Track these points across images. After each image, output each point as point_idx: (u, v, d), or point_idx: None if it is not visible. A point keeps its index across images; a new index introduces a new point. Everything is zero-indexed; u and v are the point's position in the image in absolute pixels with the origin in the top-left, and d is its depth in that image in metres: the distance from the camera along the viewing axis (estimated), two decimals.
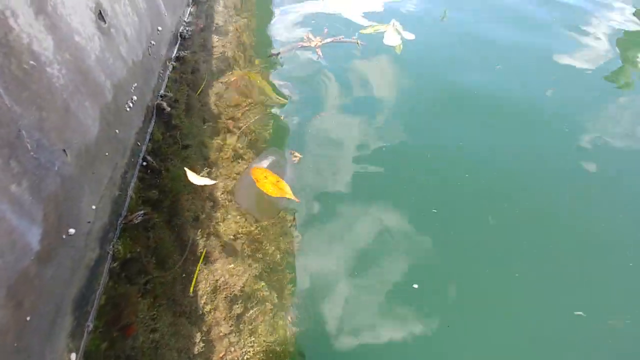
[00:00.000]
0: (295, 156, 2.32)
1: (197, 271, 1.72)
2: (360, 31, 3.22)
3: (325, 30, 3.31)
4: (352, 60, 3.00)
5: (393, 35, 3.08)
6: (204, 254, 1.79)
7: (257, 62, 3.07)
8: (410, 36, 3.12)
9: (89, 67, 1.53)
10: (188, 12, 3.22)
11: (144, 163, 1.90)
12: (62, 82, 1.34)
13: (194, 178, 1.87)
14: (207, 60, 2.90)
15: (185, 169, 1.90)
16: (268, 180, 1.99)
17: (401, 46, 3.05)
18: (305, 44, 3.20)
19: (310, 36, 3.28)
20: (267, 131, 2.50)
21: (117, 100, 1.72)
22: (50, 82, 1.28)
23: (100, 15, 1.70)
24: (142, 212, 1.68)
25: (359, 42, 3.09)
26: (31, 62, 1.21)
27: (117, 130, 1.68)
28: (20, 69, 1.16)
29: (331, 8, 3.65)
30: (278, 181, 1.98)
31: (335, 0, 3.76)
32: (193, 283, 1.68)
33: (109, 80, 1.68)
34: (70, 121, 1.36)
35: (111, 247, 1.53)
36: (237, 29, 3.34)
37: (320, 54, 3.08)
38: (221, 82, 2.74)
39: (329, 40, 3.20)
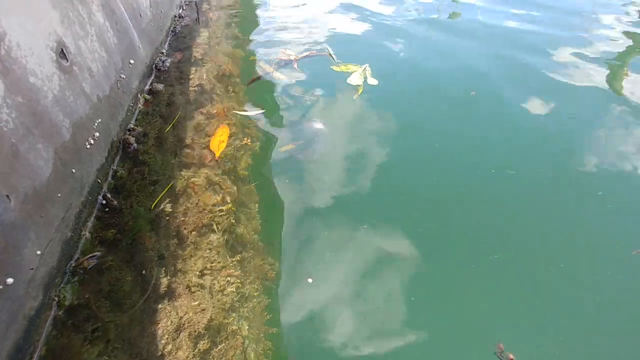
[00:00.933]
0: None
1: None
2: (332, 67, 3.25)
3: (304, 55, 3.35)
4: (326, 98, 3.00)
5: (358, 78, 3.08)
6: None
7: (236, 92, 3.07)
8: (373, 82, 3.07)
9: (45, 107, 1.51)
10: (167, 43, 3.24)
11: (104, 201, 1.85)
12: (11, 126, 1.32)
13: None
14: (183, 92, 2.90)
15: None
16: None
17: (361, 90, 3.00)
18: (283, 57, 3.32)
19: (287, 52, 3.39)
20: (245, 160, 2.47)
21: (76, 138, 1.70)
22: None
23: (62, 54, 1.69)
24: (95, 254, 1.63)
25: (333, 55, 3.15)
26: None
27: (73, 170, 1.65)
28: None
29: (313, 37, 3.71)
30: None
31: (318, 31, 3.82)
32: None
33: (67, 119, 1.66)
34: (18, 165, 1.33)
35: (57, 293, 1.48)
36: (217, 60, 3.37)
37: (296, 67, 3.22)
38: (199, 113, 2.73)
39: (305, 54, 3.31)
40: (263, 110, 2.78)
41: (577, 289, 1.76)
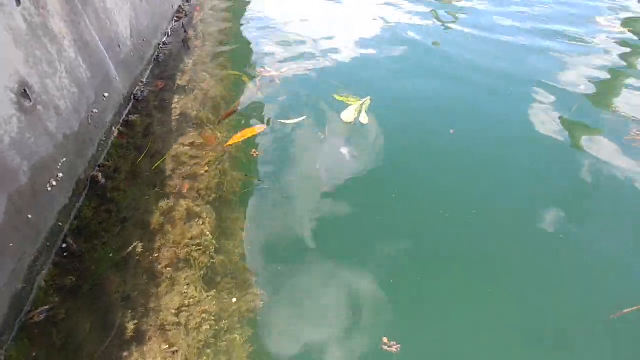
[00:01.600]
0: None
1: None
2: (335, 95, 3.20)
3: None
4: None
5: (351, 114, 2.99)
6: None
7: (218, 120, 3.03)
8: (364, 120, 2.93)
9: (0, 152, 1.45)
10: (148, 72, 3.21)
11: (64, 245, 1.78)
12: None
13: None
14: (164, 122, 2.85)
15: None
16: None
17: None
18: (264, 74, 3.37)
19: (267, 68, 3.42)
20: (235, 190, 2.40)
21: (34, 182, 1.63)
22: None
23: (25, 94, 1.64)
24: (46, 307, 1.55)
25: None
26: None
27: (29, 216, 1.58)
28: None
29: (308, 68, 3.69)
30: None
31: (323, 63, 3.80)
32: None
33: (26, 162, 1.59)
34: None
35: (3, 352, 1.38)
36: (203, 87, 3.33)
37: (278, 82, 3.27)
38: (180, 143, 2.67)
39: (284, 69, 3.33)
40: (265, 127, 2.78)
41: None
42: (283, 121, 2.93)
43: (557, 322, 1.75)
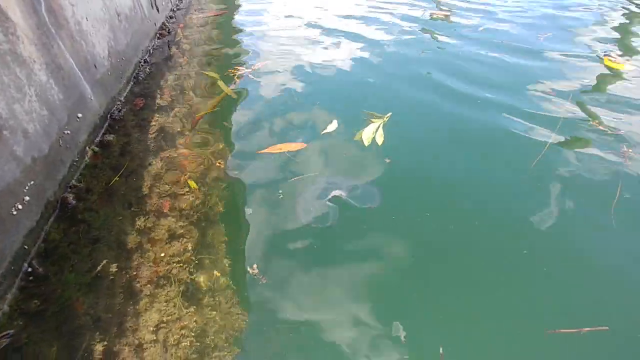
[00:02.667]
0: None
1: None
2: (365, 111, 3.17)
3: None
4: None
5: (370, 134, 2.89)
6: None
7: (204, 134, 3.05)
8: (379, 139, 2.85)
9: None
10: (127, 90, 3.24)
11: (29, 269, 1.78)
12: None
13: None
14: (142, 140, 2.87)
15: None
16: None
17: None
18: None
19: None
20: (219, 206, 2.42)
21: None
22: None
23: None
24: (9, 332, 1.55)
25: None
26: None
27: None
28: None
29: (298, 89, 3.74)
30: None
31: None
32: None
33: None
34: None
35: None
36: (185, 103, 3.37)
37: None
38: (159, 160, 2.69)
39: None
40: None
41: None
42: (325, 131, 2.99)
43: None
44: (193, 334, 1.82)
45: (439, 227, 2.22)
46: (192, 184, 2.49)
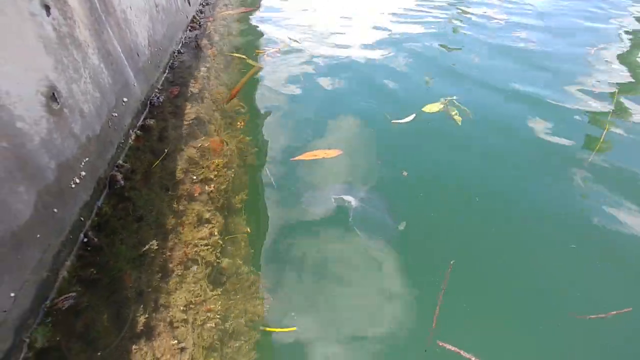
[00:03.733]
0: None
1: None
2: (424, 109, 3.21)
3: None
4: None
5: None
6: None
7: (233, 124, 3.14)
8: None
9: (30, 151, 1.57)
10: (163, 78, 3.35)
11: (85, 239, 1.88)
12: None
13: None
14: (177, 127, 2.98)
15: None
16: None
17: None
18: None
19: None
20: (243, 193, 2.49)
21: (60, 179, 1.75)
22: None
23: (53, 97, 1.77)
24: (72, 294, 1.65)
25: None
26: None
27: (55, 210, 1.69)
28: None
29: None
30: None
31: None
32: None
33: (53, 161, 1.71)
34: None
35: (28, 335, 1.49)
36: (215, 93, 3.47)
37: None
38: (192, 147, 2.79)
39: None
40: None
41: None
42: (396, 121, 3.03)
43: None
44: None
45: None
46: (218, 170, 2.59)
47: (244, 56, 3.90)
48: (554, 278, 1.96)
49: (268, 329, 1.85)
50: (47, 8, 1.79)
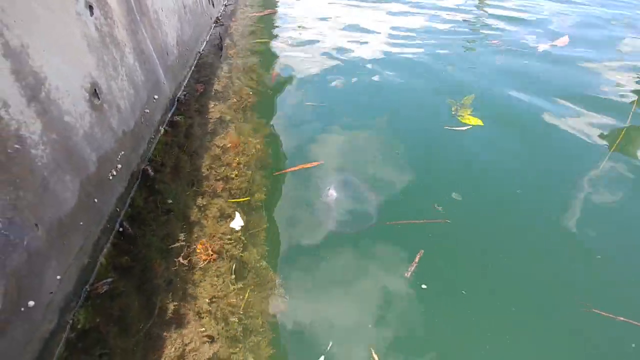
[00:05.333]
0: None
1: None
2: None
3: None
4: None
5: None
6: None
7: (254, 123, 3.22)
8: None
9: (76, 143, 1.67)
10: (189, 76, 3.45)
11: (120, 229, 1.98)
12: (44, 161, 1.46)
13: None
14: (202, 124, 3.07)
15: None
16: None
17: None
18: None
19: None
20: (262, 191, 2.56)
21: (100, 171, 1.84)
22: (32, 162, 1.40)
23: (95, 93, 1.86)
24: (109, 280, 1.74)
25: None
26: (16, 145, 1.34)
27: (95, 199, 1.78)
28: (4, 153, 1.28)
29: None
30: None
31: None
32: None
33: (94, 153, 1.81)
34: (47, 197, 1.46)
35: (71, 316, 1.58)
36: (238, 92, 3.56)
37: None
38: (216, 145, 2.88)
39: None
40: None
41: None
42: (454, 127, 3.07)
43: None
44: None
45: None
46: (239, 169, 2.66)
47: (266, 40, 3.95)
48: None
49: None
50: (90, 8, 1.89)
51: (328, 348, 1.78)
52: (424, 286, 1.96)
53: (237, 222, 2.32)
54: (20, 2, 1.41)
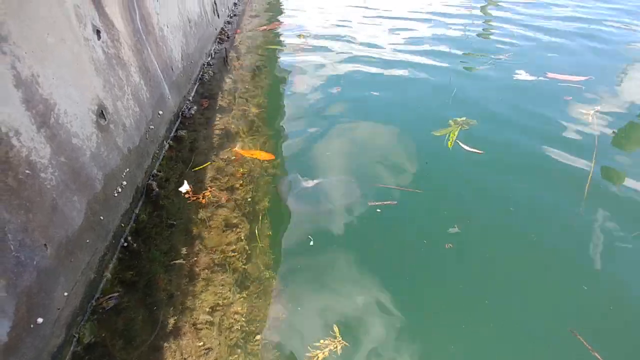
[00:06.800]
0: None
1: None
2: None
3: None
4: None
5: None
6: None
7: (258, 136, 3.29)
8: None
9: (83, 164, 1.75)
10: (194, 90, 3.53)
11: (125, 244, 2.05)
12: (53, 184, 1.54)
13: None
14: (207, 137, 3.15)
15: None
16: None
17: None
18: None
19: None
20: (265, 200, 2.63)
21: (106, 189, 1.92)
22: (42, 185, 1.48)
23: (102, 114, 1.95)
24: (115, 294, 1.81)
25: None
26: (27, 171, 1.42)
27: (101, 217, 1.86)
28: (16, 179, 1.36)
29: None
30: None
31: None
32: None
33: (100, 172, 1.89)
34: (56, 218, 1.54)
35: (77, 331, 1.65)
36: (242, 105, 3.63)
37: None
38: (220, 158, 2.95)
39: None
40: None
41: None
42: (466, 147, 3.05)
43: None
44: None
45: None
46: (244, 179, 2.72)
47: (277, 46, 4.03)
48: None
49: None
50: (98, 32, 1.98)
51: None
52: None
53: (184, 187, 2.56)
54: (33, 34, 1.49)
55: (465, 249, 2.23)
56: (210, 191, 2.61)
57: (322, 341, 1.89)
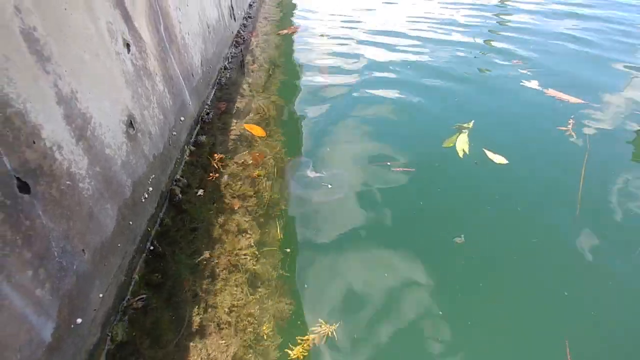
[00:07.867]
0: None
1: None
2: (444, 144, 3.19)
3: None
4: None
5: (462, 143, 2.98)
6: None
7: (273, 139, 3.37)
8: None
9: (115, 172, 1.85)
10: (212, 95, 3.63)
11: (152, 247, 2.16)
12: (90, 193, 1.64)
13: None
14: (224, 142, 3.24)
15: None
16: None
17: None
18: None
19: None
20: (282, 205, 2.71)
21: (134, 195, 2.02)
22: (80, 195, 1.58)
23: (130, 124, 2.05)
24: (143, 295, 1.92)
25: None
26: (67, 182, 1.52)
27: (130, 222, 1.97)
28: (58, 190, 1.47)
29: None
30: None
31: None
32: None
33: (130, 179, 1.99)
34: (92, 225, 1.64)
35: (111, 330, 1.76)
36: (259, 109, 3.72)
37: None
38: (235, 163, 3.04)
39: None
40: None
41: None
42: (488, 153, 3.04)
43: None
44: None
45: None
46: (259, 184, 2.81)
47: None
48: None
49: None
50: (127, 46, 2.07)
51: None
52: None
53: None
54: (71, 52, 1.59)
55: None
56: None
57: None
